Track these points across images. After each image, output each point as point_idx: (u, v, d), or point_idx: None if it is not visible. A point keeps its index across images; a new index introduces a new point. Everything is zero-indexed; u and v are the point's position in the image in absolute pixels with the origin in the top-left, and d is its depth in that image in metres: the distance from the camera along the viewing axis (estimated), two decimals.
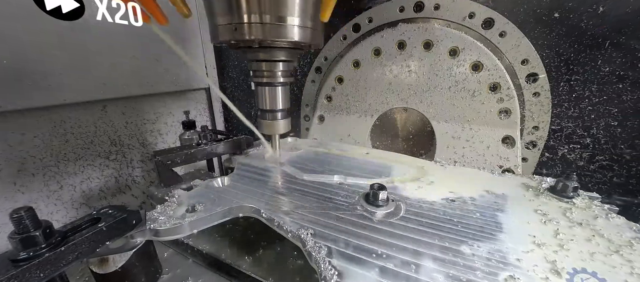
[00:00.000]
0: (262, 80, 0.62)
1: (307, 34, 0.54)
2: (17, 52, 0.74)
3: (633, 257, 0.41)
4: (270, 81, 0.62)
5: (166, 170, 0.70)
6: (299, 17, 0.51)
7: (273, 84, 0.62)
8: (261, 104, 0.65)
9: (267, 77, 0.61)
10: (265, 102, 0.64)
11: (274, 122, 0.66)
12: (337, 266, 0.39)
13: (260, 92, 0.64)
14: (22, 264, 0.36)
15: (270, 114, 0.65)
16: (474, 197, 0.58)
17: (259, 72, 0.61)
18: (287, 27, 0.51)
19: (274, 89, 0.63)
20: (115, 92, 0.96)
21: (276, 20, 0.50)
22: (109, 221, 0.45)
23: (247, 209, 0.54)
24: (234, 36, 0.51)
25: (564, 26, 0.70)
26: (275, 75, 0.61)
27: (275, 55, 0.58)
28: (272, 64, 0.60)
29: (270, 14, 0.49)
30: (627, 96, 0.68)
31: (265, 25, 0.50)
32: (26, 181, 0.83)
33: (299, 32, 0.52)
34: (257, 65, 0.61)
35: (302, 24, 0.52)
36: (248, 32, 0.50)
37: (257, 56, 0.59)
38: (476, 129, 0.77)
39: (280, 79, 0.62)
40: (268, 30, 0.50)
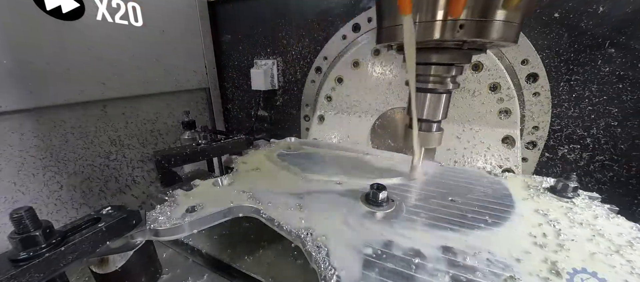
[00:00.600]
0: (426, 85, 0.55)
1: (511, 32, 0.45)
2: (17, 53, 0.74)
3: (633, 257, 0.41)
4: (435, 87, 0.55)
5: (166, 170, 0.70)
6: (504, 11, 0.43)
7: (436, 91, 0.55)
8: (418, 112, 0.56)
9: (433, 83, 0.54)
10: (424, 109, 0.56)
11: (429, 133, 0.59)
12: (337, 266, 0.39)
13: (419, 98, 0.56)
14: (22, 264, 0.36)
15: (425, 124, 0.58)
16: (473, 197, 0.58)
17: (424, 76, 0.54)
18: (494, 24, 0.43)
19: (438, 96, 0.56)
20: (115, 92, 0.96)
21: (486, 16, 0.43)
22: (109, 221, 0.45)
23: (247, 209, 0.54)
24: (453, 35, 0.45)
25: (564, 26, 0.70)
26: (445, 81, 0.54)
27: (451, 57, 0.51)
28: (443, 67, 0.52)
29: (479, 9, 0.42)
30: (627, 96, 0.68)
31: (480, 23, 0.43)
32: (26, 181, 0.83)
33: (503, 29, 0.44)
34: (424, 69, 0.54)
35: (507, 18, 0.44)
36: (468, 31, 0.44)
37: (428, 59, 0.52)
38: (476, 129, 0.77)
39: (449, 85, 0.55)
40: (480, 30, 0.44)
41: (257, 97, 1.28)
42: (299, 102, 1.16)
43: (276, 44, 1.14)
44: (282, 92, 1.21)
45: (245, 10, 1.17)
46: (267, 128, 1.33)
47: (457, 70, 0.55)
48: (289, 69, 1.15)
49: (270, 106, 1.27)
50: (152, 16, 1.00)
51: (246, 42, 1.22)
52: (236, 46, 1.25)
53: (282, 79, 1.18)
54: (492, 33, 0.44)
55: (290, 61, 1.13)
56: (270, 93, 1.23)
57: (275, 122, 1.29)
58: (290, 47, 1.11)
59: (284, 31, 1.10)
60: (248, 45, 1.22)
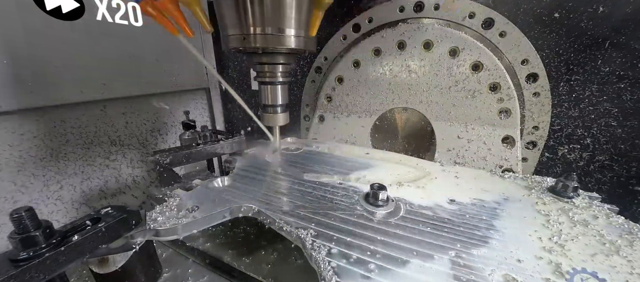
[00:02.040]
0: (265, 79, 0.71)
1: (301, 42, 0.64)
2: (18, 53, 0.74)
3: (633, 257, 0.41)
4: (272, 80, 0.71)
5: (166, 170, 0.70)
6: (295, 29, 0.61)
7: (274, 83, 0.71)
8: (264, 100, 0.74)
9: (269, 77, 0.71)
10: (268, 98, 0.73)
11: (275, 115, 0.75)
12: (336, 267, 0.39)
13: (263, 89, 0.73)
14: (22, 264, 0.36)
15: (271, 108, 0.75)
16: (473, 197, 0.58)
17: (262, 73, 0.70)
18: (285, 37, 0.61)
19: (275, 87, 0.72)
20: (115, 92, 0.96)
21: (276, 31, 0.60)
22: (109, 221, 0.45)
23: (247, 209, 0.54)
24: (242, 44, 0.61)
25: (564, 26, 0.70)
26: (276, 76, 0.70)
27: (276, 59, 0.68)
28: (273, 66, 0.69)
29: (271, 26, 0.59)
30: (627, 96, 0.68)
31: (267, 36, 0.60)
32: (26, 181, 0.83)
33: (295, 40, 0.62)
34: (260, 67, 0.70)
35: (297, 34, 0.62)
36: (254, 41, 0.60)
37: (261, 60, 0.68)
38: (476, 129, 0.77)
39: (280, 78, 0.71)
40: (270, 40, 0.61)
41: (257, 97, 1.28)
42: (299, 102, 1.16)
43: None
44: None
45: None
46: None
47: (284, 67, 0.70)
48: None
49: None
50: None
51: None
52: None
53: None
54: (286, 42, 0.61)
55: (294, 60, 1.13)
56: None
57: None
58: None
59: None
60: None
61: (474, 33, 0.77)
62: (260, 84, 0.72)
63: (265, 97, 0.73)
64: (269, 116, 0.76)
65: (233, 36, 0.62)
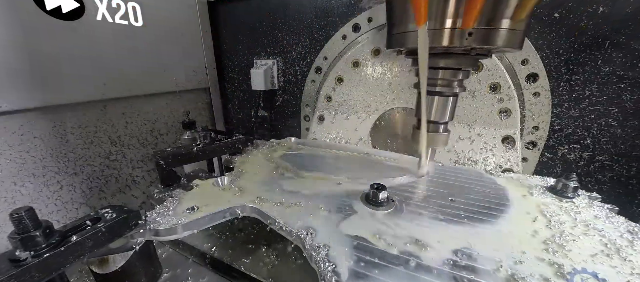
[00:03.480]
0: (434, 88, 0.57)
1: (515, 37, 0.47)
2: (18, 53, 0.74)
3: (633, 257, 0.41)
4: (442, 91, 0.57)
5: (166, 170, 0.70)
6: (510, 19, 0.45)
7: (444, 94, 0.57)
8: (427, 114, 0.59)
9: (441, 86, 0.56)
10: (433, 112, 0.59)
11: (436, 134, 0.61)
12: (336, 267, 0.39)
13: (428, 101, 0.58)
14: (22, 264, 0.36)
15: (433, 125, 0.60)
16: (474, 197, 0.58)
17: (432, 80, 0.56)
18: (500, 32, 0.45)
19: (446, 99, 0.58)
20: (115, 92, 0.96)
21: (493, 24, 0.45)
22: (109, 221, 0.45)
23: (247, 209, 0.54)
24: (460, 42, 0.47)
25: (564, 26, 0.70)
26: (452, 85, 0.57)
27: (459, 62, 0.53)
28: (453, 72, 0.55)
29: (489, 17, 0.44)
30: (627, 96, 0.68)
31: (490, 31, 0.45)
32: (26, 181, 0.83)
33: (507, 36, 0.46)
34: (432, 73, 0.56)
35: (511, 26, 0.46)
36: (475, 38, 0.46)
37: (437, 63, 0.54)
38: (476, 129, 0.77)
39: (456, 89, 0.57)
40: (486, 36, 0.46)
41: (257, 97, 1.28)
42: (299, 102, 1.16)
43: (276, 44, 1.14)
44: (282, 92, 1.21)
45: (245, 10, 1.17)
46: (267, 128, 1.33)
47: (463, 75, 0.57)
48: (289, 69, 1.15)
49: (270, 106, 1.27)
50: (152, 16, 1.00)
51: (246, 42, 1.22)
52: (236, 46, 1.25)
53: (282, 79, 1.18)
54: (498, 40, 0.47)
55: (290, 61, 1.13)
56: (270, 93, 1.23)
57: (275, 122, 1.29)
58: (290, 47, 1.11)
59: (284, 31, 1.10)
60: (248, 45, 1.22)
61: None
62: (422, 94, 0.56)
63: (429, 111, 0.58)
64: (430, 136, 0.59)
65: (449, 30, 0.47)
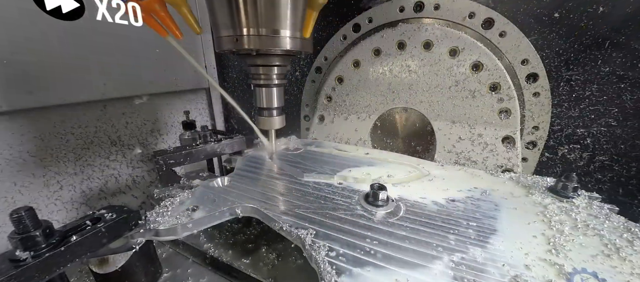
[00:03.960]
0: (260, 82, 0.69)
1: (297, 43, 0.61)
2: (18, 53, 0.74)
3: (633, 257, 0.41)
4: (267, 83, 0.69)
5: (166, 170, 0.70)
6: (290, 30, 0.59)
7: (269, 86, 0.70)
8: (259, 103, 0.72)
9: (264, 80, 0.69)
10: (263, 101, 0.71)
11: (270, 118, 0.73)
12: (336, 266, 0.39)
13: (258, 92, 0.71)
14: (22, 264, 0.36)
15: (267, 111, 0.73)
16: (474, 197, 0.58)
17: (257, 75, 0.68)
18: (280, 38, 0.59)
19: (270, 89, 0.70)
20: (115, 92, 0.96)
21: (271, 32, 0.58)
22: (109, 221, 0.45)
23: (247, 209, 0.54)
24: (235, 46, 0.59)
25: (564, 26, 0.70)
26: (271, 78, 0.68)
27: (271, 61, 0.66)
28: (268, 68, 0.67)
29: (265, 27, 0.57)
30: (627, 96, 0.67)
31: (261, 37, 0.58)
32: (26, 181, 0.83)
33: (291, 42, 0.60)
34: (255, 70, 0.68)
35: (292, 35, 0.60)
36: (247, 42, 0.58)
37: (255, 62, 0.66)
38: (476, 129, 0.77)
39: (276, 81, 0.69)
40: (264, 41, 0.58)
41: None
42: (299, 102, 1.16)
43: None
44: None
45: None
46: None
47: (278, 70, 0.68)
48: (289, 69, 1.15)
49: None
50: None
51: None
52: None
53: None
54: (280, 45, 0.59)
55: (292, 61, 1.13)
56: None
57: None
58: None
59: None
60: None
61: (474, 33, 0.77)
62: (254, 87, 0.71)
63: (260, 100, 0.71)
64: (264, 119, 0.73)
65: (226, 37, 0.60)
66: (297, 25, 0.60)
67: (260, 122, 0.74)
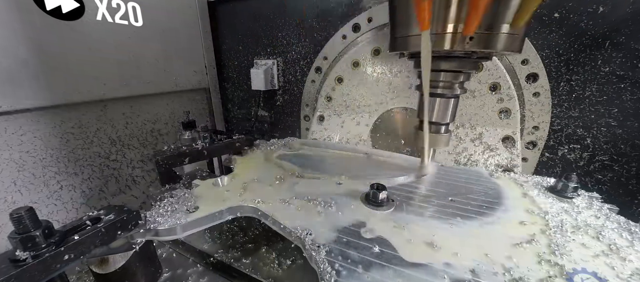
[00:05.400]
0: (436, 90, 0.58)
1: (515, 42, 0.49)
2: (18, 53, 0.74)
3: (633, 257, 0.41)
4: (444, 92, 0.58)
5: (166, 170, 0.70)
6: (508, 24, 0.46)
7: (446, 96, 0.58)
8: (428, 115, 0.59)
9: (443, 88, 0.57)
10: (435, 113, 0.60)
11: (438, 135, 0.62)
12: (336, 267, 0.39)
13: (430, 103, 0.59)
14: (22, 264, 0.36)
15: (434, 126, 0.62)
16: (473, 197, 0.58)
17: (434, 82, 0.57)
18: (499, 36, 0.47)
19: (447, 101, 0.59)
20: (115, 92, 0.96)
21: (493, 29, 0.46)
22: (109, 221, 0.45)
23: (247, 209, 0.54)
24: (435, 46, 0.48)
25: (564, 26, 0.70)
26: (453, 87, 0.58)
27: (460, 65, 0.54)
28: (454, 74, 0.56)
29: (490, 22, 0.46)
30: (627, 96, 0.68)
31: (486, 35, 0.47)
32: (26, 181, 0.83)
33: (506, 40, 0.47)
34: (434, 76, 0.56)
35: (510, 30, 0.47)
36: (451, 42, 0.48)
37: (439, 66, 0.55)
38: (476, 129, 0.77)
39: (457, 91, 0.58)
40: (486, 41, 0.47)
41: (257, 97, 1.28)
42: (299, 102, 1.16)
43: (276, 44, 1.14)
44: (282, 92, 1.21)
45: (245, 10, 1.17)
46: (267, 128, 1.33)
47: (464, 77, 0.58)
48: (289, 69, 1.15)
49: (270, 106, 1.27)
50: (152, 16, 1.00)
51: (246, 42, 1.22)
52: (236, 46, 1.25)
53: (282, 79, 1.18)
54: (498, 44, 0.48)
55: (290, 61, 1.13)
56: (270, 93, 1.23)
57: (275, 122, 1.29)
58: (290, 47, 1.11)
59: (284, 31, 1.10)
60: (248, 45, 1.22)
61: None
62: (424, 95, 0.57)
63: (432, 112, 0.59)
64: (432, 136, 0.61)
65: (437, 35, 0.48)
66: (509, 17, 0.46)
67: (422, 137, 0.61)
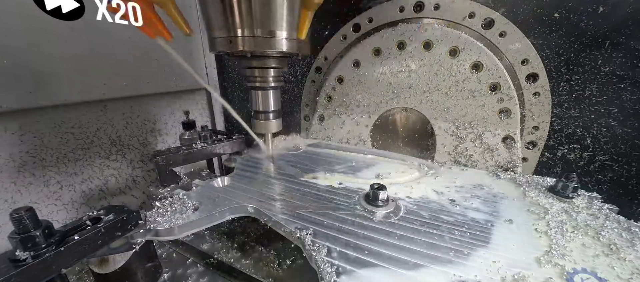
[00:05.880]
0: (255, 84, 0.67)
1: (293, 44, 0.59)
2: (17, 53, 0.74)
3: (633, 257, 0.41)
4: (263, 85, 0.67)
5: (166, 170, 0.70)
6: (286, 31, 0.57)
7: (265, 88, 0.68)
8: (255, 106, 0.70)
9: (260, 82, 0.67)
10: (258, 104, 0.70)
11: (266, 122, 0.72)
12: (336, 267, 0.39)
13: (253, 95, 0.70)
14: (22, 264, 0.36)
15: (263, 114, 0.71)
16: (473, 197, 0.58)
17: (252, 77, 0.67)
18: (276, 39, 0.57)
19: (266, 92, 0.69)
20: (115, 92, 0.96)
21: (267, 34, 0.56)
22: (109, 221, 0.45)
23: (247, 210, 0.54)
24: (229, 48, 0.57)
25: (564, 26, 0.70)
26: (267, 80, 0.67)
27: (267, 63, 0.64)
28: (264, 70, 0.65)
29: (261, 28, 0.55)
30: (627, 96, 0.67)
31: (257, 39, 0.56)
32: (26, 181, 0.83)
33: (287, 43, 0.58)
34: (250, 72, 0.66)
35: (289, 36, 0.58)
36: (242, 44, 0.56)
37: (250, 64, 0.65)
38: (476, 129, 0.77)
39: (272, 83, 0.68)
40: (260, 43, 0.56)
41: None
42: (299, 102, 1.16)
43: None
44: (282, 92, 1.21)
45: None
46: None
47: (275, 72, 0.66)
48: (289, 69, 1.15)
49: None
50: None
51: None
52: None
53: (282, 79, 1.18)
54: (276, 47, 0.57)
55: (290, 61, 1.13)
56: None
57: None
58: None
59: None
60: None
61: (474, 33, 0.77)
62: (250, 89, 0.69)
63: (256, 103, 0.70)
64: (260, 123, 0.72)
65: (219, 39, 0.58)
66: (294, 25, 0.58)
67: (256, 125, 0.73)
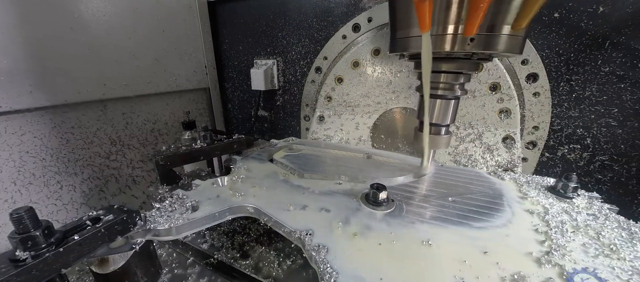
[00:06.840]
0: (436, 92, 0.57)
1: (516, 43, 0.48)
2: (17, 53, 0.74)
3: (633, 257, 0.41)
4: (445, 94, 0.57)
5: (166, 170, 0.70)
6: (509, 26, 0.46)
7: (446, 97, 0.58)
8: (427, 117, 0.59)
9: (443, 89, 0.57)
10: (435, 115, 0.60)
11: (438, 136, 0.62)
12: (337, 267, 0.39)
13: (431, 104, 0.59)
14: (22, 264, 0.36)
15: (433, 127, 0.61)
16: (473, 197, 0.58)
17: (434, 83, 0.56)
18: (500, 37, 0.46)
19: (448, 102, 0.58)
20: (115, 92, 0.96)
21: (487, 30, 0.45)
22: (109, 221, 0.45)
23: (247, 210, 0.54)
24: (435, 47, 0.48)
25: (564, 26, 0.70)
26: (454, 88, 0.57)
27: (460, 66, 0.53)
28: (454, 75, 0.55)
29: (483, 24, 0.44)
30: (627, 96, 0.68)
31: (480, 36, 0.46)
32: (26, 181, 0.83)
33: (508, 41, 0.47)
34: (434, 77, 0.56)
35: (511, 32, 0.47)
36: (451, 43, 0.47)
37: (439, 67, 0.54)
38: (476, 129, 0.77)
39: (457, 92, 0.57)
40: (482, 42, 0.46)
41: (257, 97, 1.28)
42: (299, 102, 1.16)
43: (276, 44, 1.14)
44: (282, 92, 1.21)
45: (245, 10, 1.17)
46: (267, 128, 1.33)
47: (465, 78, 0.58)
48: (289, 69, 1.15)
49: (270, 106, 1.27)
50: (151, 16, 1.00)
51: (246, 42, 1.22)
52: (236, 46, 1.25)
53: (282, 79, 1.18)
54: (499, 46, 0.47)
55: (290, 61, 1.13)
56: (270, 93, 1.23)
57: (275, 122, 1.29)
58: (290, 47, 1.11)
59: (284, 31, 1.10)
60: (248, 45, 1.22)
61: None
62: (424, 97, 0.57)
63: (432, 114, 0.59)
64: (432, 138, 0.61)
65: (438, 36, 0.48)
66: (510, 19, 0.46)
67: (421, 138, 0.61)
